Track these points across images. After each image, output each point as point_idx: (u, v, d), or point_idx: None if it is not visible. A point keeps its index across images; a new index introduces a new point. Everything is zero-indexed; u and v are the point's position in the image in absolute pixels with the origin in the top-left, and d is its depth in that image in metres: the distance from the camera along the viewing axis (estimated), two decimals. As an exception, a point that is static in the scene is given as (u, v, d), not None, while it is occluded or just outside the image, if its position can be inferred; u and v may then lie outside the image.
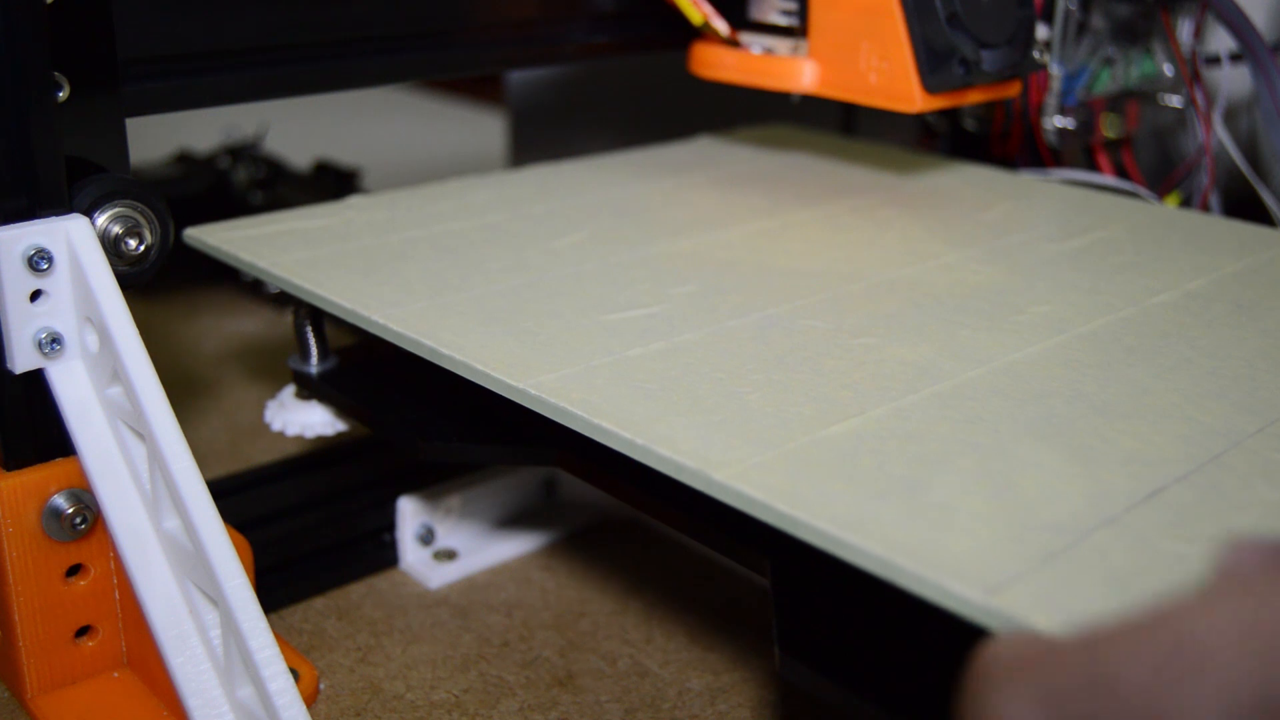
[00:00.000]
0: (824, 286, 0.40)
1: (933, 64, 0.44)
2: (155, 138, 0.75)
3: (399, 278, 0.40)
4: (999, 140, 0.57)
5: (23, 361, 0.35)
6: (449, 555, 0.47)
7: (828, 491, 0.27)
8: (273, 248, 0.42)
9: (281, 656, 0.33)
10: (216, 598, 0.33)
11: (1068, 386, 0.32)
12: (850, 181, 0.52)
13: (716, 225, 0.46)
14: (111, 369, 0.35)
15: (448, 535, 0.48)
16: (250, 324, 0.69)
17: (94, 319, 0.35)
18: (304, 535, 0.46)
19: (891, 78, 0.45)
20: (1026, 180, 0.53)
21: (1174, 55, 0.55)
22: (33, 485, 0.36)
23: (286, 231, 0.44)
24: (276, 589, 0.44)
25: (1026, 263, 0.42)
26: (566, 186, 0.50)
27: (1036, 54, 0.47)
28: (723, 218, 0.47)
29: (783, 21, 0.48)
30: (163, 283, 0.39)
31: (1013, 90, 0.48)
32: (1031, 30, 0.46)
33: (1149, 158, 0.60)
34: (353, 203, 0.47)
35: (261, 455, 0.54)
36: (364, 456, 0.51)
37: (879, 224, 0.46)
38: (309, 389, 0.43)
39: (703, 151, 0.56)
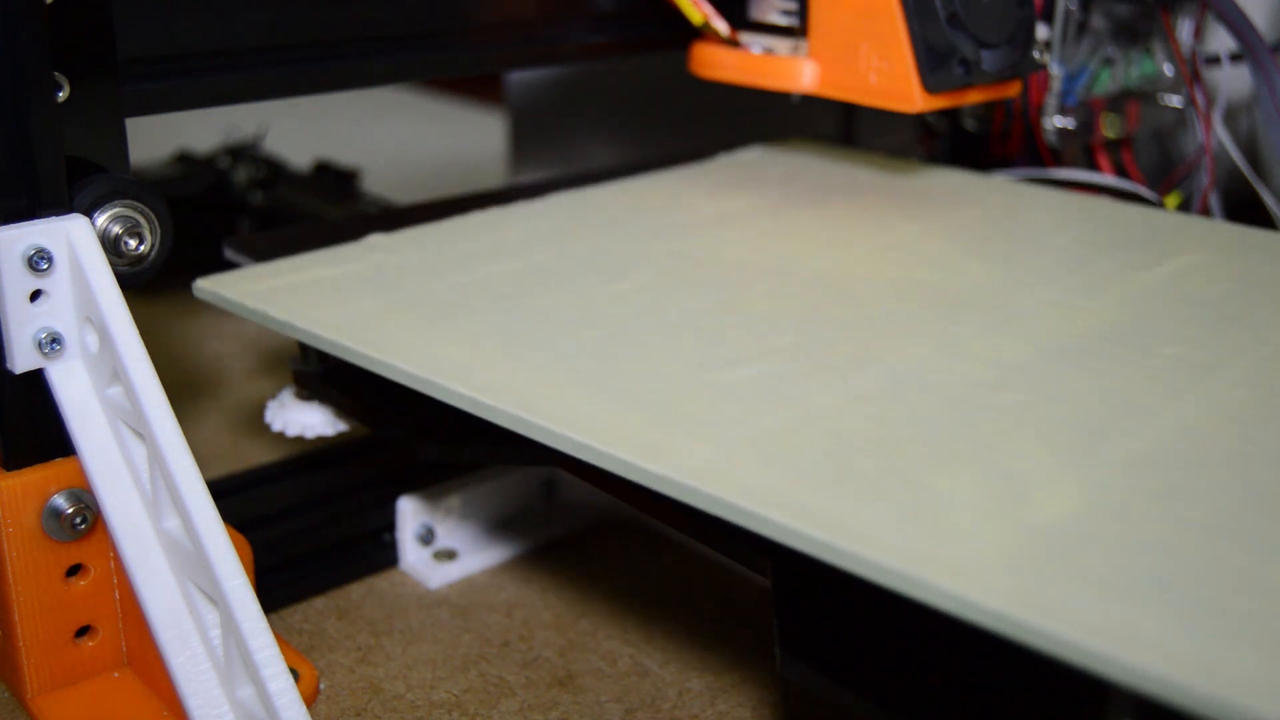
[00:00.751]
0: (933, 329, 0.37)
1: (933, 64, 0.44)
2: (155, 138, 0.75)
3: (464, 335, 0.36)
4: (999, 140, 0.57)
5: (23, 361, 0.35)
6: (449, 555, 0.47)
7: (1074, 596, 0.24)
8: (305, 303, 0.38)
9: (281, 656, 0.33)
10: (216, 598, 0.33)
11: (1255, 446, 0.30)
12: (899, 202, 0.49)
13: (787, 259, 0.43)
14: (111, 369, 0.35)
15: (448, 535, 0.48)
16: (250, 324, 0.69)
17: (94, 319, 0.35)
18: (304, 535, 0.46)
19: (891, 78, 0.45)
20: (1087, 200, 0.50)
21: (1174, 55, 0.55)
22: (33, 485, 0.36)
23: (312, 282, 0.40)
24: (276, 589, 0.44)
25: (1129, 296, 0.40)
26: (601, 217, 0.47)
27: (1036, 54, 0.47)
28: (790, 249, 0.44)
29: (783, 21, 0.48)
30: (163, 283, 0.39)
31: (1013, 90, 0.48)
32: (1031, 30, 0.46)
33: (1149, 158, 0.60)
34: (374, 243, 0.43)
35: (261, 455, 0.54)
36: (364, 456, 0.51)
37: (958, 251, 0.44)
38: (309, 389, 0.43)
39: (731, 171, 0.54)
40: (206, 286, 0.40)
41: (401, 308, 0.38)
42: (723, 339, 0.36)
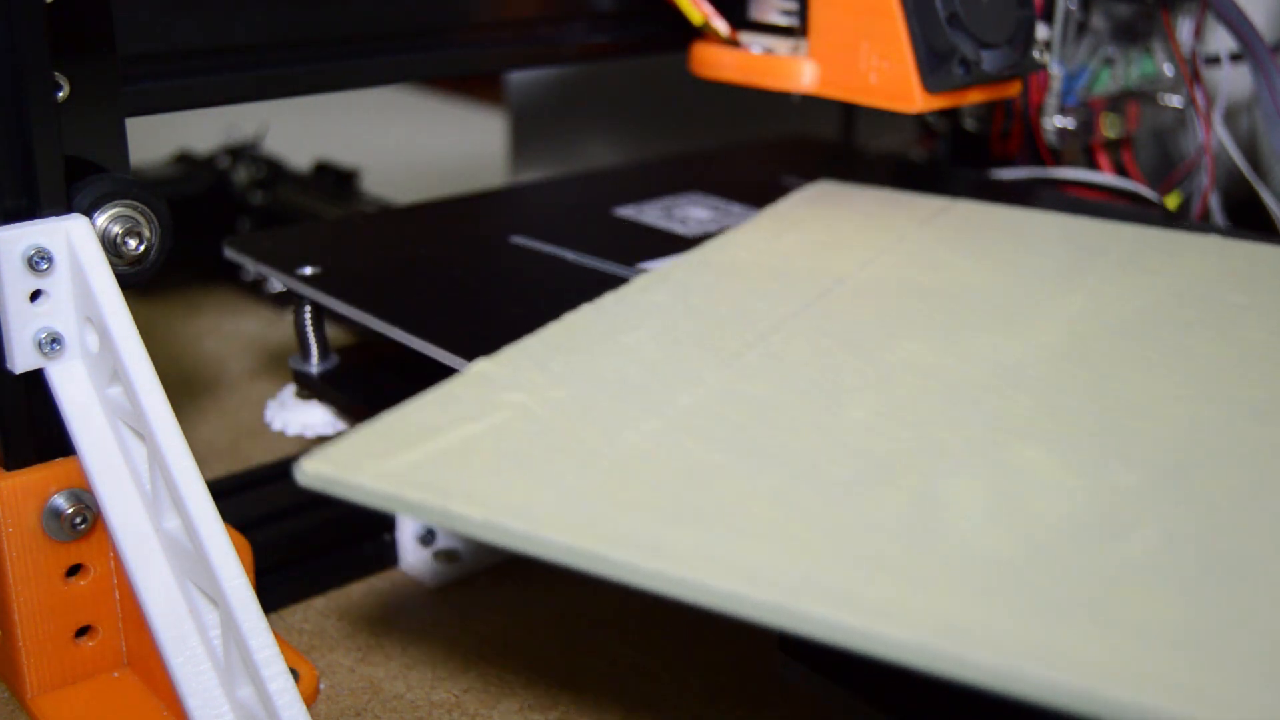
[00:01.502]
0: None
1: (933, 64, 0.44)
2: (155, 138, 0.75)
3: (754, 522, 0.26)
4: (999, 140, 0.57)
5: (23, 361, 0.35)
6: (449, 555, 0.47)
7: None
8: (483, 485, 0.27)
9: (281, 656, 0.33)
10: (216, 598, 0.33)
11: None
12: (1057, 254, 0.42)
13: (1009, 347, 0.34)
14: (111, 369, 0.35)
15: (448, 535, 0.48)
16: (250, 324, 0.69)
17: (94, 319, 0.35)
18: (304, 535, 0.46)
19: (891, 78, 0.45)
20: (1258, 249, 0.44)
21: (1174, 55, 0.55)
22: (33, 485, 0.36)
23: (463, 446, 0.28)
24: (276, 589, 0.44)
25: None
26: (728, 309, 0.37)
27: (1036, 54, 0.47)
28: (1012, 343, 0.35)
29: (783, 21, 0.48)
30: (163, 283, 0.39)
31: (1013, 90, 0.48)
32: (1031, 30, 0.46)
33: (1149, 158, 0.60)
34: (491, 376, 0.32)
35: (261, 455, 0.54)
36: (364, 456, 0.51)
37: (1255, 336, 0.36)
38: (310, 388, 0.43)
39: (806, 223, 0.46)
40: (318, 470, 0.27)
41: (619, 482, 0.27)
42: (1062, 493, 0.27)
